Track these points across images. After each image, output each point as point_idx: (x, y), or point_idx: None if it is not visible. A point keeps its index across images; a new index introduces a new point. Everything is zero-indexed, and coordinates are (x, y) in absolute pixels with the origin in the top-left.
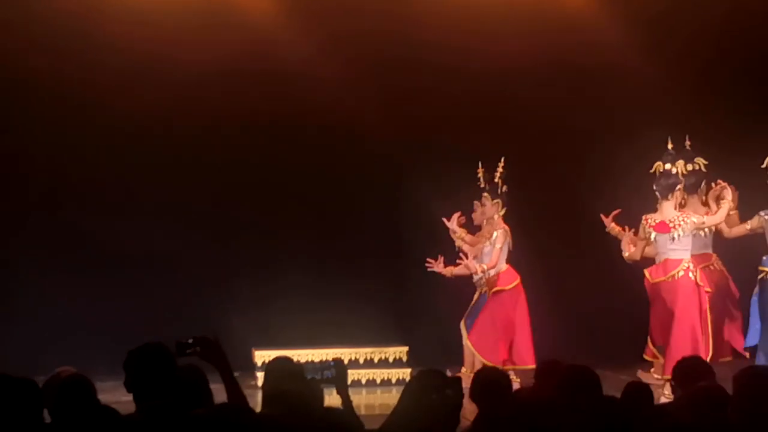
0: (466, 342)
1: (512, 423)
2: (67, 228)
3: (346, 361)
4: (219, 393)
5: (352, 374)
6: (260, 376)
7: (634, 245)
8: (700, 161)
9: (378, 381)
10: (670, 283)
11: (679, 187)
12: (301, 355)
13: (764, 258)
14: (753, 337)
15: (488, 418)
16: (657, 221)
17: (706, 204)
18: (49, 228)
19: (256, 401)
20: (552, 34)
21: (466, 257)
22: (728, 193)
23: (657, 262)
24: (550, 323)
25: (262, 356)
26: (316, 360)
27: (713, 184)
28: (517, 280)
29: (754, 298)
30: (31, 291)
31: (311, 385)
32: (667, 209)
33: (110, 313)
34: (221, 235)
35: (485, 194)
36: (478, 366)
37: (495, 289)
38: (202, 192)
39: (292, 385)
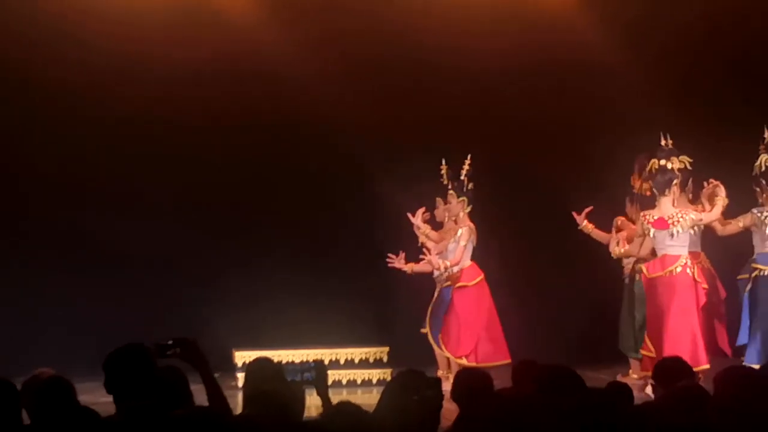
0: (432, 341)
1: (493, 423)
2: (44, 227)
3: (326, 362)
4: (199, 394)
5: (333, 375)
6: (241, 376)
7: (628, 242)
8: (685, 159)
9: (358, 381)
10: (667, 278)
11: (675, 182)
12: (281, 355)
13: (756, 255)
14: (744, 335)
15: (469, 419)
16: (655, 217)
17: (692, 201)
18: (26, 227)
19: (237, 402)
20: (529, 33)
21: (430, 253)
22: (721, 191)
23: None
24: (516, 321)
25: (242, 357)
26: (297, 360)
27: (705, 183)
28: (481, 277)
29: (745, 296)
30: (8, 291)
31: (292, 386)
32: (665, 205)
33: (90, 314)
34: (202, 237)
35: (450, 192)
36: (455, 366)
37: (458, 284)
38: (183, 192)
39: (272, 386)
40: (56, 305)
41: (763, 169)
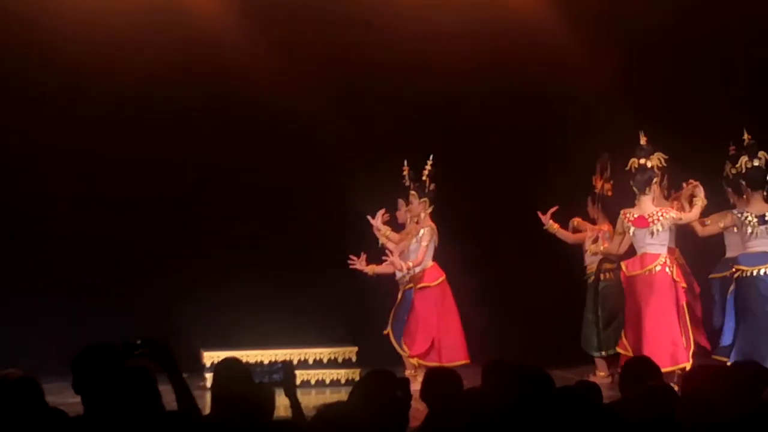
0: (395, 343)
1: (462, 423)
2: (11, 227)
3: (295, 362)
4: (167, 394)
5: (302, 375)
6: (209, 377)
7: (606, 241)
8: (661, 156)
9: (327, 381)
10: (646, 277)
11: (655, 180)
12: (250, 355)
13: (738, 256)
14: (728, 336)
15: (438, 419)
16: (636, 216)
17: (668, 198)
18: None
19: (205, 402)
20: (493, 34)
21: (391, 255)
22: (700, 192)
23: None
24: (480, 322)
25: (211, 357)
26: (266, 361)
27: (684, 184)
28: (443, 278)
29: (730, 297)
30: None
31: (261, 386)
32: (645, 204)
33: (57, 314)
34: (171, 237)
35: (412, 192)
36: (413, 366)
37: (420, 285)
38: (150, 192)
39: (241, 387)
40: (23, 306)
41: (743, 170)
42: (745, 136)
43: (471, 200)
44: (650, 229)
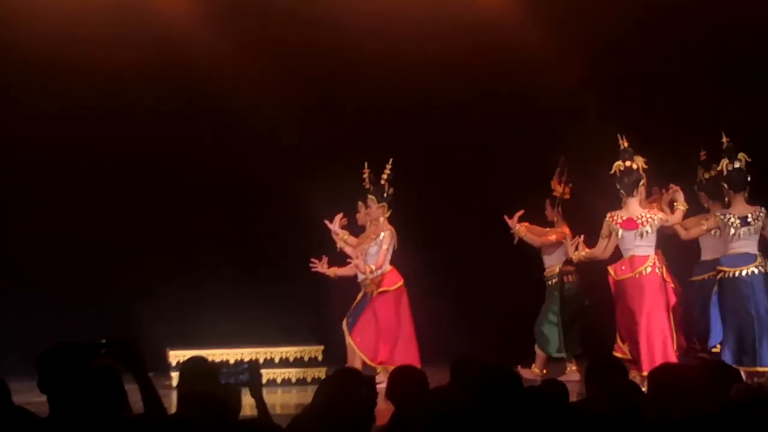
0: (349, 341)
1: (428, 422)
2: None
3: (261, 360)
4: (133, 393)
5: (268, 373)
6: (175, 376)
7: (587, 247)
8: (641, 159)
9: (293, 380)
10: (637, 280)
11: (642, 182)
12: (216, 354)
13: (722, 258)
14: (716, 337)
15: (404, 417)
16: (624, 218)
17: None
18: None
19: (171, 401)
20: (454, 34)
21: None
22: (680, 196)
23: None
24: (439, 324)
25: (176, 356)
26: (232, 360)
27: (663, 191)
28: (401, 282)
29: (714, 298)
30: None
31: (227, 386)
32: (633, 206)
33: (23, 313)
34: (135, 236)
35: (371, 196)
36: (359, 365)
37: (380, 289)
38: (116, 191)
39: (207, 386)
40: None
41: (725, 172)
42: (724, 139)
43: (436, 202)
44: (639, 231)
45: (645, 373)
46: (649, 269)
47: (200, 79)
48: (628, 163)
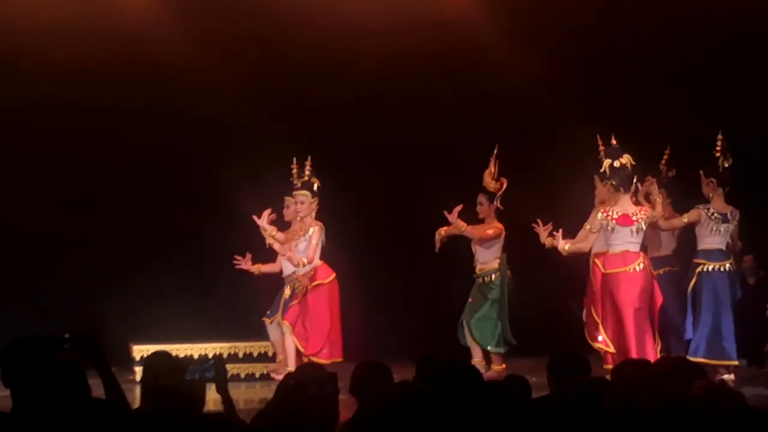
0: (286, 330)
1: (392, 416)
2: None
3: (225, 356)
4: (97, 388)
5: (231, 368)
6: (139, 370)
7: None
8: (627, 157)
9: (257, 375)
10: (630, 275)
11: (636, 178)
12: (180, 349)
13: (699, 251)
14: (690, 330)
15: (368, 412)
16: (619, 214)
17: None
18: None
19: (135, 396)
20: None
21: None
22: (655, 189)
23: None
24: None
25: (140, 351)
26: (196, 355)
27: (639, 185)
28: (333, 275)
29: (690, 292)
30: None
31: (191, 382)
32: (626, 202)
33: None
34: (100, 231)
35: (304, 192)
36: (293, 358)
37: (314, 283)
38: (79, 186)
39: (171, 381)
40: None
41: (721, 170)
42: (720, 139)
43: (362, 198)
44: (635, 227)
45: None
46: (641, 266)
47: (159, 72)
48: (623, 161)
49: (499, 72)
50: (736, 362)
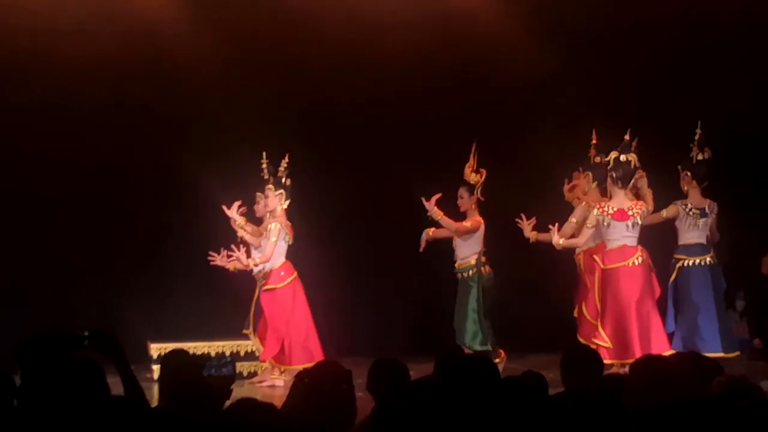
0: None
1: (410, 413)
2: None
3: (242, 353)
4: (115, 386)
5: (249, 367)
6: (156, 368)
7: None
8: (633, 156)
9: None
10: (630, 269)
11: (636, 176)
12: (197, 347)
13: (680, 246)
14: (671, 324)
15: (386, 409)
16: (615, 209)
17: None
18: None
19: (153, 394)
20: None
21: (247, 247)
22: (644, 182)
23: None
24: (341, 317)
25: (157, 349)
26: (212, 353)
27: (582, 173)
28: (292, 276)
29: (671, 286)
30: None
31: (209, 379)
32: (622, 198)
33: (2, 305)
34: (115, 228)
35: (269, 186)
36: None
37: (266, 287)
38: (92, 185)
39: (188, 378)
40: None
41: (694, 162)
42: (698, 131)
43: (339, 193)
44: (631, 222)
45: (630, 361)
46: (640, 259)
47: (169, 70)
48: (623, 156)
49: (505, 68)
50: (719, 354)
